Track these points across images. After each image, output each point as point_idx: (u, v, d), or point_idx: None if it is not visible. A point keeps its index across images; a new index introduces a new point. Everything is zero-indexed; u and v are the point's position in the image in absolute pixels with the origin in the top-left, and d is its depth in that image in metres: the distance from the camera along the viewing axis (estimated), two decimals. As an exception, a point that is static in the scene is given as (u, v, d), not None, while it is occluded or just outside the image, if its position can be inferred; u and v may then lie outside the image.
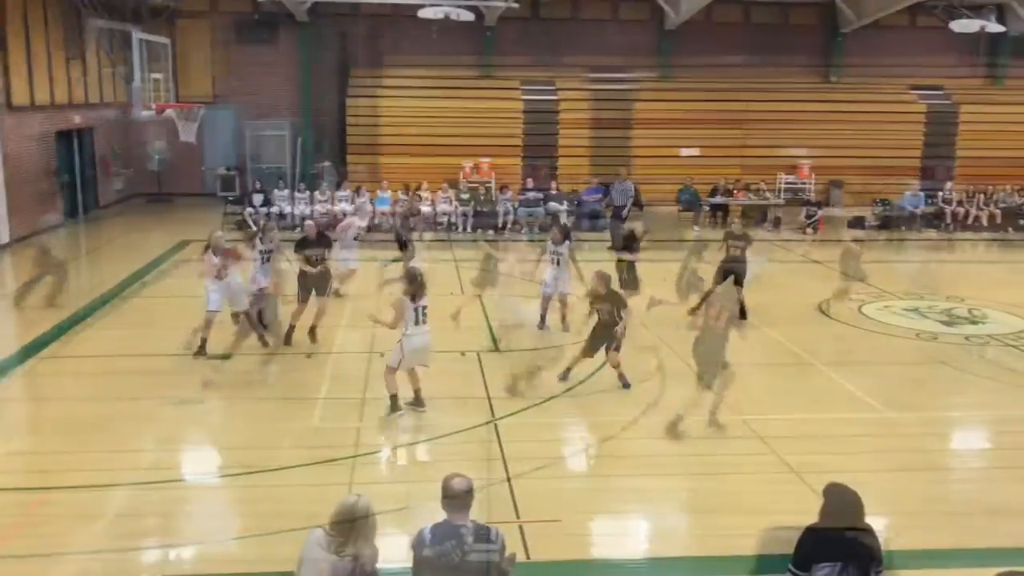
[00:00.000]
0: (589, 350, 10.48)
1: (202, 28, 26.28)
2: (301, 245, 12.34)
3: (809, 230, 22.29)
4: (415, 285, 9.17)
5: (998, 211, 23.21)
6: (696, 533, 7.26)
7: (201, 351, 11.23)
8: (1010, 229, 22.90)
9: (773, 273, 17.46)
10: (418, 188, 22.49)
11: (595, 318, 10.52)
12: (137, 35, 20.03)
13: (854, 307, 14.52)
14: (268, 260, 11.97)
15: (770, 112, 26.45)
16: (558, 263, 12.63)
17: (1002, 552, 6.73)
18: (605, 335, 10.33)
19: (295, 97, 26.72)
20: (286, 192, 22.42)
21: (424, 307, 9.22)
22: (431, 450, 8.72)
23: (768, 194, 24.14)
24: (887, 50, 27.85)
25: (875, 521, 6.92)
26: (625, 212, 19.76)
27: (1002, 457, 9.02)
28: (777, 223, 22.84)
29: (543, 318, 12.82)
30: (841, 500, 4.79)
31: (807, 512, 5.09)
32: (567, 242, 12.76)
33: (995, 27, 24.69)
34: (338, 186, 22.57)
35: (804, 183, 25.89)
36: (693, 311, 12.07)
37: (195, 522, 7.25)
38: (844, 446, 8.86)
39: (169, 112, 21.30)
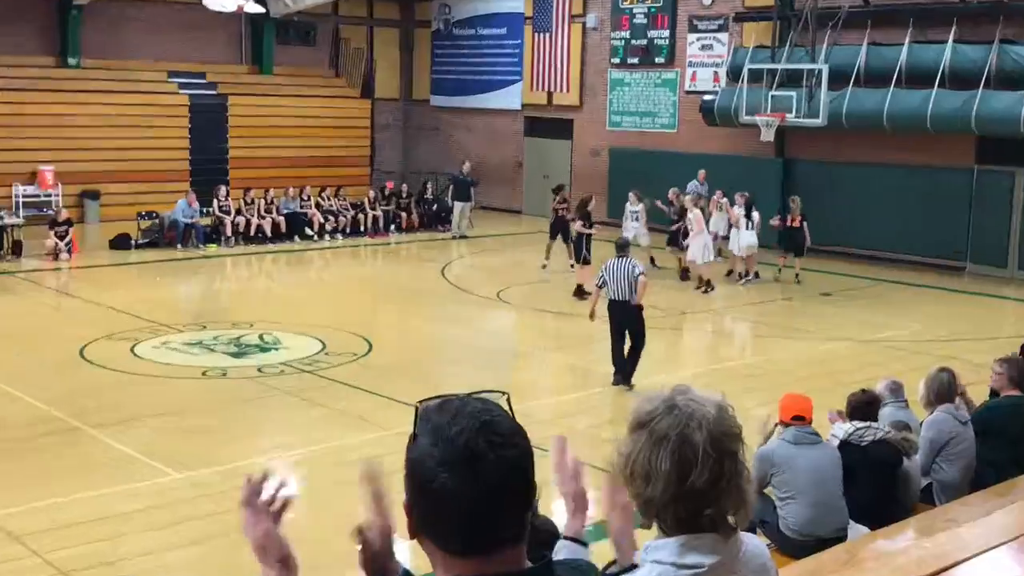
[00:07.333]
0: None
1: None
2: None
3: (64, 255, 21.76)
4: None
5: (282, 218, 25.22)
6: None
7: None
8: (296, 237, 25.12)
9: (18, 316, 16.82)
10: None
11: None
12: None
13: (125, 348, 14.54)
14: None
15: (-7, 104, 25.31)
16: None
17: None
18: None
19: None
20: None
21: None
22: None
23: (3, 212, 22.97)
24: (138, 29, 28.57)
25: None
26: None
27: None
28: (18, 249, 21.84)
29: None
30: None
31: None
32: None
33: (255, 7, 26.91)
34: None
35: (49, 195, 25.27)
36: None
37: None
38: (126, 526, 8.75)
39: None
